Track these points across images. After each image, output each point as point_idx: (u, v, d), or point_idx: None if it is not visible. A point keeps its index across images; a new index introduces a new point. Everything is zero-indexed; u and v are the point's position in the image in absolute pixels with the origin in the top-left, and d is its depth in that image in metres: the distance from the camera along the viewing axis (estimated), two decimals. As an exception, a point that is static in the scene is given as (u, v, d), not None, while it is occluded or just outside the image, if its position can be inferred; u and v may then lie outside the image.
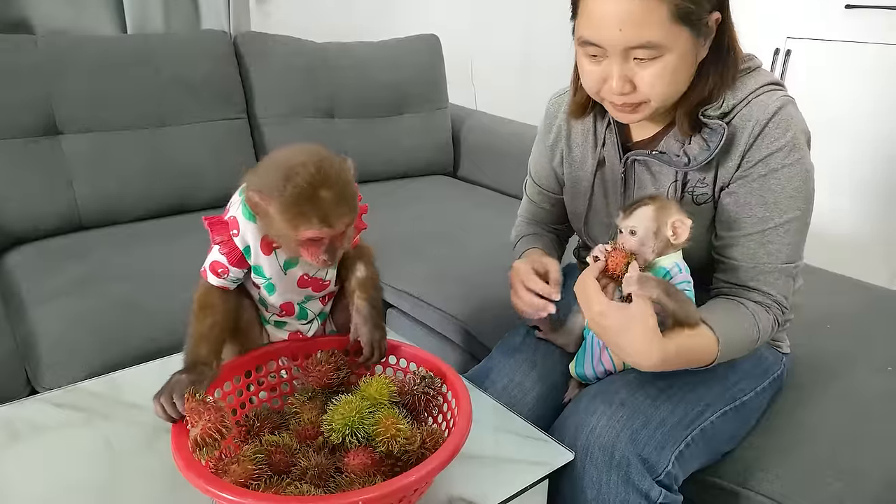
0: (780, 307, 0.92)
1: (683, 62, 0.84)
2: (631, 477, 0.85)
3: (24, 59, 1.58)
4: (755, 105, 0.88)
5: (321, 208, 0.72)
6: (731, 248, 0.93)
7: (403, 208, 1.93)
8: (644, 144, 0.98)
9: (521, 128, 2.24)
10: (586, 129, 1.04)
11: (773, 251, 0.90)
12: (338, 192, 0.73)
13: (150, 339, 1.25)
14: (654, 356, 0.82)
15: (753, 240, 0.90)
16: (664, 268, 0.89)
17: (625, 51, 0.83)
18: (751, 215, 0.90)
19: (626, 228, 0.90)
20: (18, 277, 1.44)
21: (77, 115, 1.64)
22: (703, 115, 0.89)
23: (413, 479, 0.65)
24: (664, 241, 0.88)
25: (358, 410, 0.76)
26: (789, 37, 2.42)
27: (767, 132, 0.87)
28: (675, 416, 0.90)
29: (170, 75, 1.76)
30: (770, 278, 0.91)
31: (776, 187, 0.88)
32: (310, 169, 0.71)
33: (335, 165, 0.74)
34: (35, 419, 0.90)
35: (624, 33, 0.81)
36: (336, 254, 0.77)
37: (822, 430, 1.03)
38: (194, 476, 0.64)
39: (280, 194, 0.71)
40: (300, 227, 0.73)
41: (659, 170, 0.96)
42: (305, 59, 2.02)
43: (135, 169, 1.71)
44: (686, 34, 0.82)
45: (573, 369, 1.02)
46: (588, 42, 0.85)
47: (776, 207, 0.88)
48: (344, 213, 0.74)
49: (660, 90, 0.85)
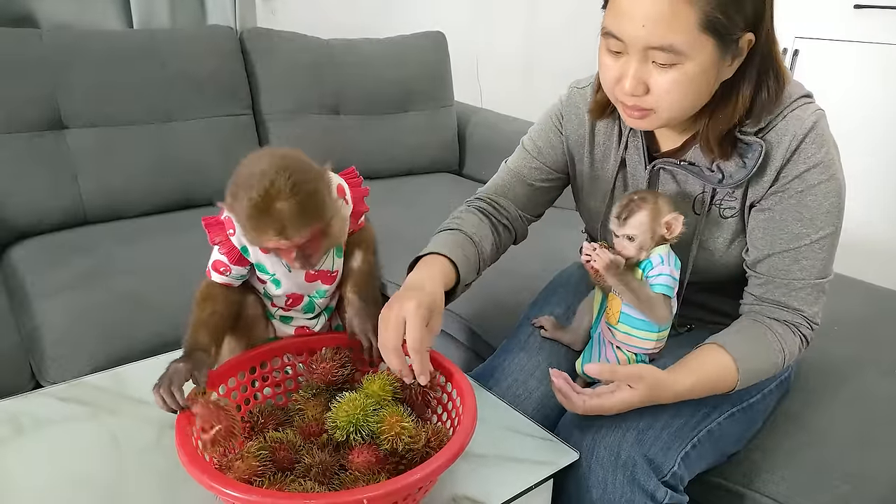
0: (809, 324, 0.91)
1: (703, 76, 0.80)
2: (637, 477, 0.85)
3: (29, 54, 1.58)
4: (791, 119, 0.85)
5: (277, 221, 0.70)
6: (763, 264, 0.91)
7: (408, 206, 1.92)
8: (670, 153, 0.96)
9: (526, 126, 2.20)
10: (609, 127, 1.01)
11: (807, 267, 0.89)
12: (297, 203, 0.70)
13: (155, 334, 1.25)
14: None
15: (788, 256, 0.89)
16: (648, 259, 0.91)
17: (644, 50, 0.80)
18: (787, 231, 0.88)
19: (623, 235, 0.90)
20: (23, 271, 1.44)
21: (82, 110, 1.64)
22: (741, 133, 0.87)
23: (418, 478, 0.64)
24: (658, 238, 0.90)
25: (362, 408, 0.75)
26: (797, 36, 2.41)
27: (804, 148, 0.85)
28: (682, 417, 0.90)
29: (175, 71, 1.76)
30: (802, 294, 0.90)
31: (813, 204, 0.86)
32: (267, 180, 0.70)
33: (297, 173, 0.71)
34: (39, 413, 0.90)
35: (647, 31, 0.78)
36: (311, 259, 0.76)
37: (829, 433, 1.02)
38: (198, 472, 0.64)
39: (239, 206, 0.71)
40: (260, 239, 0.73)
41: (685, 179, 0.94)
42: (311, 56, 2.02)
43: (140, 164, 1.71)
44: (711, 46, 0.79)
45: (579, 367, 1.02)
46: (610, 34, 0.82)
47: (812, 224, 0.87)
48: (303, 225, 0.72)
49: (673, 98, 0.82)
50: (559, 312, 1.12)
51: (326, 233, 0.77)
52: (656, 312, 0.90)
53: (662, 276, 0.90)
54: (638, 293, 0.90)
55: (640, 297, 0.89)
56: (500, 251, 1.09)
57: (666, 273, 0.90)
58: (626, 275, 0.90)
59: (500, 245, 1.08)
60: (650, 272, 0.91)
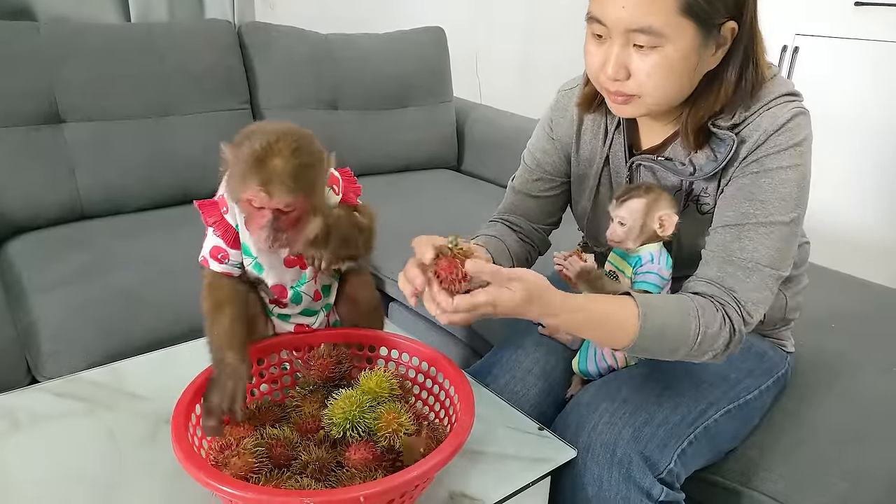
0: (738, 308, 0.84)
1: (684, 60, 0.81)
2: (632, 474, 0.85)
3: (26, 47, 1.57)
4: (766, 116, 0.85)
5: (265, 173, 0.71)
6: (710, 241, 0.89)
7: (406, 202, 1.92)
8: (651, 150, 0.97)
9: (525, 122, 2.23)
10: (596, 126, 1.02)
11: (748, 248, 0.85)
12: (290, 166, 0.72)
13: (152, 329, 1.25)
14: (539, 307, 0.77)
15: (730, 232, 0.86)
16: (639, 256, 0.91)
17: (625, 32, 0.81)
18: (734, 209, 0.87)
19: (616, 217, 0.91)
20: (20, 266, 1.43)
21: (79, 104, 1.63)
22: (714, 125, 0.87)
23: (415, 475, 0.64)
24: (650, 233, 0.90)
25: (359, 404, 0.75)
26: (797, 34, 2.40)
27: (772, 138, 0.85)
28: (678, 415, 0.90)
29: (173, 65, 1.75)
30: (739, 274, 0.85)
31: (767, 187, 0.85)
32: (273, 136, 0.72)
33: (303, 142, 0.74)
34: (36, 408, 0.90)
35: (627, 12, 0.79)
36: (280, 236, 0.74)
37: (825, 430, 1.02)
38: (194, 469, 0.63)
39: (241, 151, 0.73)
40: (243, 187, 0.73)
41: (664, 176, 0.95)
42: (309, 51, 2.01)
43: (137, 158, 1.70)
44: (692, 31, 0.79)
45: (576, 366, 1.02)
46: (594, 18, 0.83)
47: (762, 206, 0.85)
48: (288, 189, 0.72)
49: (654, 83, 0.83)
50: None
51: (305, 216, 0.76)
52: None
53: (650, 275, 0.90)
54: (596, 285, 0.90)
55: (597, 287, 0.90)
56: (529, 260, 1.11)
57: (654, 272, 0.90)
58: (599, 281, 0.90)
59: (524, 252, 1.09)
60: (638, 269, 0.91)
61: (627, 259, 0.93)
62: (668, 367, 0.95)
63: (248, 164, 0.72)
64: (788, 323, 1.07)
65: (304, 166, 0.73)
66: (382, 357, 0.90)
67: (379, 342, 0.90)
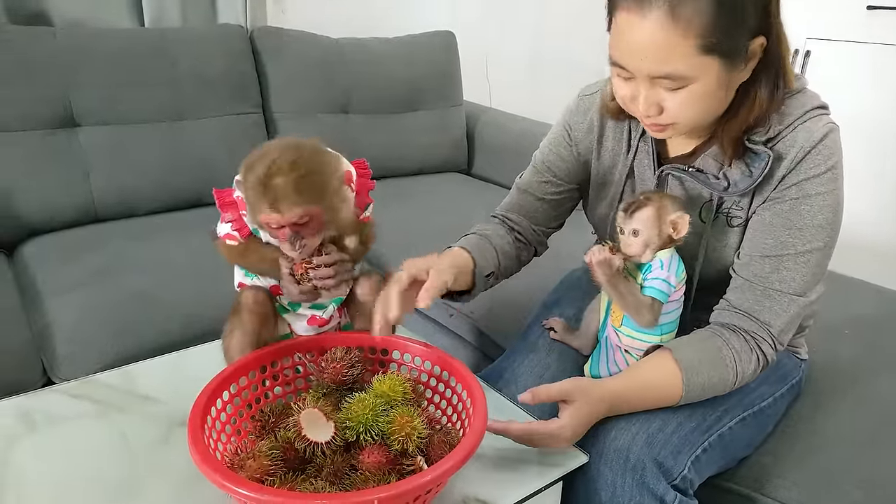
0: (773, 343, 0.89)
1: (714, 90, 0.80)
2: (646, 480, 0.84)
3: (42, 52, 1.59)
4: (801, 131, 0.85)
5: (272, 195, 0.75)
6: (746, 268, 0.90)
7: (417, 205, 1.92)
8: (681, 159, 0.96)
9: (535, 126, 2.23)
10: (619, 132, 1.01)
11: (787, 278, 0.87)
12: (294, 181, 0.74)
13: (165, 332, 1.25)
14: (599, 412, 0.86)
15: (770, 263, 0.88)
16: (649, 262, 0.90)
17: (650, 78, 0.81)
18: (773, 237, 0.87)
19: (629, 230, 0.90)
20: (35, 268, 1.45)
21: (94, 108, 1.65)
22: (749, 141, 0.86)
23: (429, 479, 0.64)
24: (665, 238, 0.89)
25: (372, 408, 0.75)
26: (809, 38, 2.39)
27: (809, 158, 0.84)
28: (693, 421, 0.89)
29: (186, 69, 1.77)
30: (775, 307, 0.88)
31: (806, 214, 0.85)
32: (269, 158, 0.75)
33: (303, 154, 0.76)
34: (52, 410, 0.90)
35: (647, 63, 0.79)
36: (303, 243, 0.79)
37: (840, 437, 1.01)
38: (211, 471, 0.64)
39: (245, 180, 0.76)
40: (256, 212, 0.77)
41: (693, 187, 0.94)
42: (321, 55, 2.02)
43: (151, 162, 1.72)
44: (717, 64, 0.78)
45: (588, 371, 1.01)
46: (616, 64, 0.83)
47: (800, 234, 0.86)
48: (296, 202, 0.75)
49: (688, 115, 0.83)
50: (570, 314, 1.12)
51: (322, 220, 0.79)
52: (642, 317, 0.90)
53: (657, 281, 0.89)
54: (624, 296, 0.89)
55: (626, 301, 0.89)
56: (521, 259, 1.11)
57: (661, 278, 0.89)
58: (616, 276, 0.89)
59: (518, 251, 1.09)
60: (647, 275, 0.90)
61: (639, 266, 0.93)
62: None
63: (255, 190, 0.75)
64: (803, 330, 1.06)
65: (304, 177, 0.75)
66: (395, 360, 0.90)
67: (391, 346, 0.90)
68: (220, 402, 0.78)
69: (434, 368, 0.87)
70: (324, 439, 0.73)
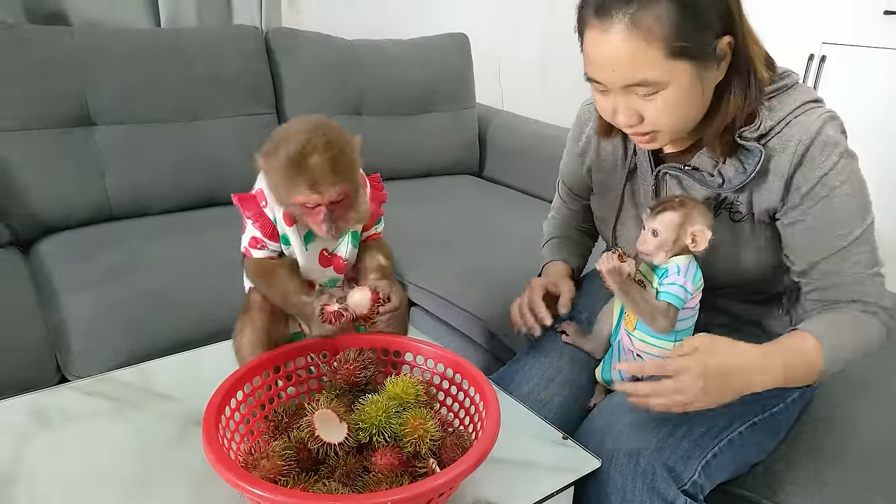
0: (883, 310, 0.90)
1: (689, 92, 0.82)
2: (656, 485, 0.84)
3: (60, 51, 1.60)
4: (795, 126, 0.86)
5: (309, 175, 0.74)
6: (814, 271, 0.90)
7: (428, 207, 1.93)
8: (676, 157, 0.97)
9: (547, 129, 2.23)
10: (616, 140, 1.03)
11: (858, 261, 0.88)
12: (328, 160, 0.75)
13: (178, 331, 1.26)
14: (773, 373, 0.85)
15: (833, 259, 0.88)
16: (666, 267, 0.90)
17: (624, 87, 0.83)
18: (827, 236, 0.88)
19: (650, 228, 0.90)
20: (50, 266, 1.46)
21: (110, 107, 1.66)
22: (740, 137, 0.87)
23: (441, 482, 0.65)
24: (682, 246, 0.89)
25: (385, 410, 0.76)
26: (824, 42, 2.37)
27: (812, 155, 0.85)
28: (703, 426, 0.89)
29: (202, 69, 1.78)
30: (861, 287, 0.89)
31: (841, 206, 0.86)
32: (302, 137, 0.75)
33: (332, 135, 0.76)
34: (67, 407, 0.91)
35: (618, 75, 0.82)
36: (338, 224, 0.79)
37: (853, 443, 1.01)
38: (225, 470, 0.64)
39: (275, 159, 0.75)
40: (291, 193, 0.76)
41: (690, 185, 0.95)
42: (335, 56, 2.03)
43: (165, 161, 1.73)
44: (687, 67, 0.80)
45: (599, 374, 1.01)
46: (591, 79, 0.86)
47: (847, 224, 0.87)
48: (334, 181, 0.75)
49: (666, 121, 0.85)
50: (582, 317, 1.12)
51: (354, 199, 0.79)
52: (657, 322, 0.89)
53: (674, 287, 0.89)
54: (637, 303, 0.89)
55: (640, 307, 0.89)
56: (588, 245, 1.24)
57: (678, 284, 0.89)
58: (628, 283, 0.90)
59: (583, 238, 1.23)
60: (664, 280, 0.90)
61: (655, 269, 0.93)
62: None
63: (288, 169, 0.74)
64: None
65: (340, 154, 0.76)
66: (407, 363, 0.90)
67: (404, 348, 0.90)
68: (234, 401, 0.79)
69: (446, 371, 0.87)
70: (337, 440, 0.73)
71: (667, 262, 0.91)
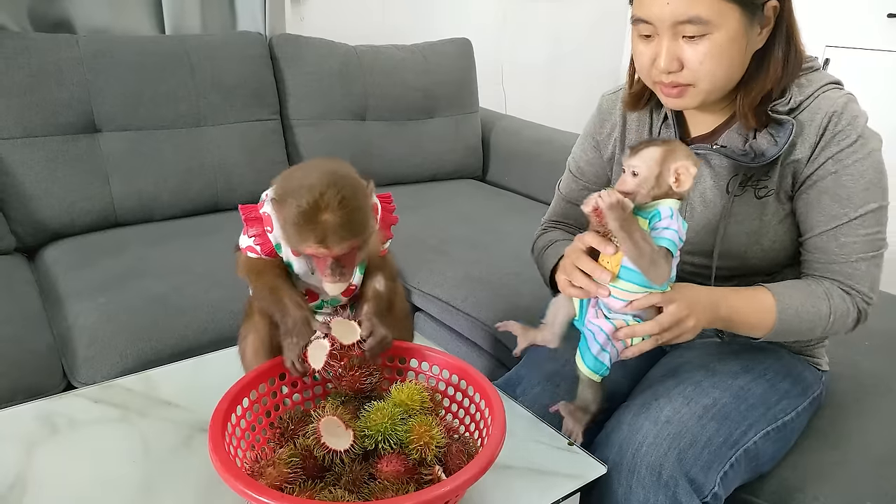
0: (861, 295, 0.91)
1: (734, 43, 0.84)
2: (679, 497, 0.83)
3: (65, 58, 1.61)
4: (823, 100, 0.88)
5: (320, 231, 0.73)
6: (807, 245, 0.93)
7: (432, 211, 1.93)
8: (703, 139, 0.98)
9: (550, 133, 2.23)
10: (641, 125, 1.04)
11: (847, 243, 0.89)
12: (341, 217, 0.73)
13: (182, 338, 1.27)
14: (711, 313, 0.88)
15: (826, 235, 0.90)
16: (657, 210, 0.83)
17: (673, 26, 0.84)
18: (823, 213, 0.90)
19: (629, 168, 0.84)
20: (56, 272, 1.47)
21: (115, 114, 1.67)
22: (773, 111, 0.89)
23: (448, 489, 0.64)
24: (665, 186, 0.83)
25: (391, 417, 0.76)
26: (828, 45, 2.37)
27: (838, 127, 0.87)
28: (721, 436, 0.88)
29: (206, 76, 1.79)
30: (847, 269, 0.90)
31: (849, 183, 0.88)
32: (316, 191, 0.73)
33: (347, 189, 0.74)
34: (73, 414, 0.91)
35: (672, 7, 0.82)
36: (344, 271, 0.78)
37: (861, 451, 1.00)
38: (232, 478, 0.64)
39: (287, 209, 0.74)
40: (300, 244, 0.76)
41: (719, 163, 0.95)
42: (339, 62, 2.03)
43: (170, 168, 1.74)
44: (737, 14, 0.83)
45: (582, 365, 0.90)
46: (640, 20, 0.87)
47: (850, 203, 0.88)
48: (344, 238, 0.75)
49: (708, 69, 0.85)
50: None
51: (363, 247, 0.79)
52: (658, 268, 0.81)
53: (669, 231, 0.82)
54: (639, 244, 0.80)
55: (642, 250, 0.80)
56: None
57: (674, 228, 0.82)
58: (630, 220, 0.80)
59: None
60: (657, 223, 0.83)
61: (641, 213, 0.84)
62: (705, 385, 0.94)
63: (299, 223, 0.74)
64: (823, 340, 1.06)
65: (353, 212, 0.75)
66: (413, 369, 0.90)
67: (409, 354, 0.90)
68: (240, 408, 0.79)
69: (452, 377, 0.87)
70: (343, 447, 0.73)
71: (655, 205, 0.83)
